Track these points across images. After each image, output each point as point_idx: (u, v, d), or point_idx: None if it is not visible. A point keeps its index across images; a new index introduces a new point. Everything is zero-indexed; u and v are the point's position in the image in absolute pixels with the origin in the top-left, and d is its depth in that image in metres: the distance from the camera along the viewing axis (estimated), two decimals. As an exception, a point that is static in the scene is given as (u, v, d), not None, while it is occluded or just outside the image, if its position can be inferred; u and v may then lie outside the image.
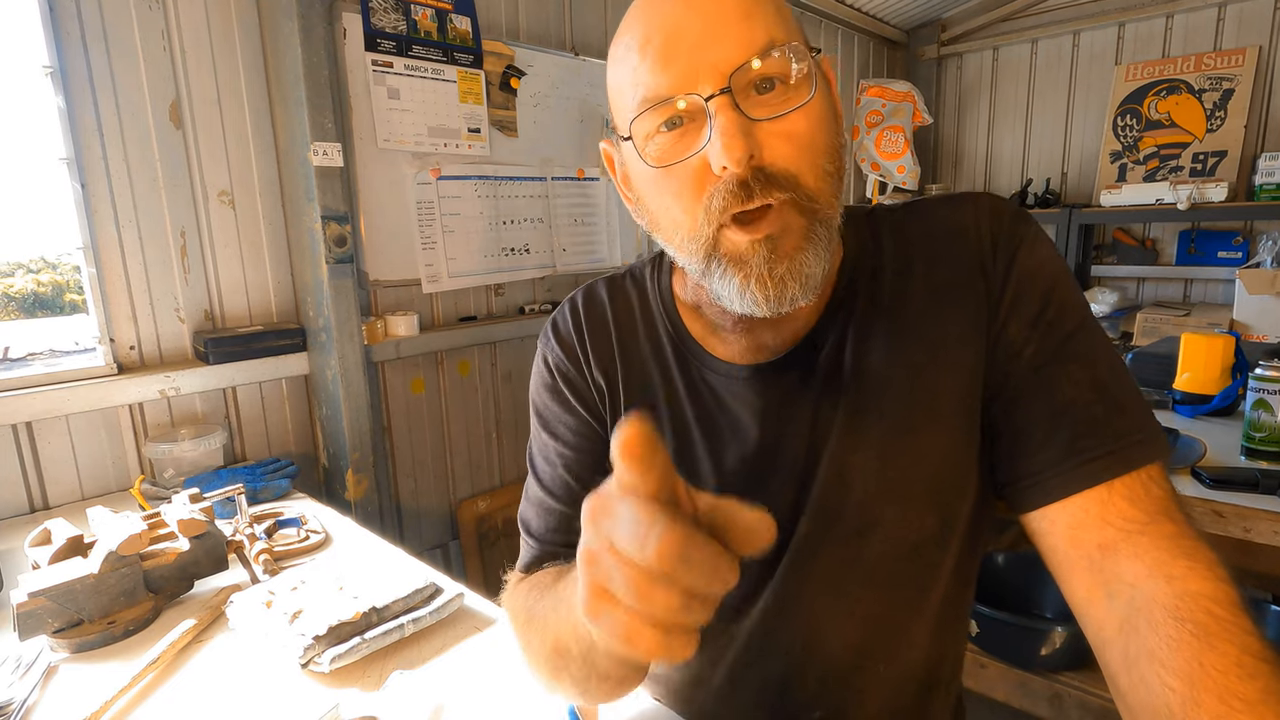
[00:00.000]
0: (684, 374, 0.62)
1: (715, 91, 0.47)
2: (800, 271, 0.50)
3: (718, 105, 0.47)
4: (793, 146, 0.49)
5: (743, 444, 0.59)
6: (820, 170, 0.50)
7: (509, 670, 0.75)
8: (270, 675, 0.76)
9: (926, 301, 0.56)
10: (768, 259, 0.50)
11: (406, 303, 1.78)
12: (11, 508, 1.24)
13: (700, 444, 0.61)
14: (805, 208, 0.50)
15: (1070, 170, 3.31)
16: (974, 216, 0.57)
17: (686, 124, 0.50)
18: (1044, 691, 1.34)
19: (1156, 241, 3.14)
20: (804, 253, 0.50)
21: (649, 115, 0.50)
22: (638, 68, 0.50)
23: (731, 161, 0.47)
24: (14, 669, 0.77)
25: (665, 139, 0.50)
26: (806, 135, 0.49)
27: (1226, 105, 2.80)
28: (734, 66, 0.47)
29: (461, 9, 1.75)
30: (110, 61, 1.30)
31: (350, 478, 1.56)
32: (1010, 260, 0.55)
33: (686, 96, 0.48)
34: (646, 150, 0.51)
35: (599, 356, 0.65)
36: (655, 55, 0.49)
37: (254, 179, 1.51)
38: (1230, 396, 1.56)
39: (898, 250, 0.59)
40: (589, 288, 0.69)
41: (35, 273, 1.53)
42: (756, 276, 0.50)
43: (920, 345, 0.56)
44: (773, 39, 0.48)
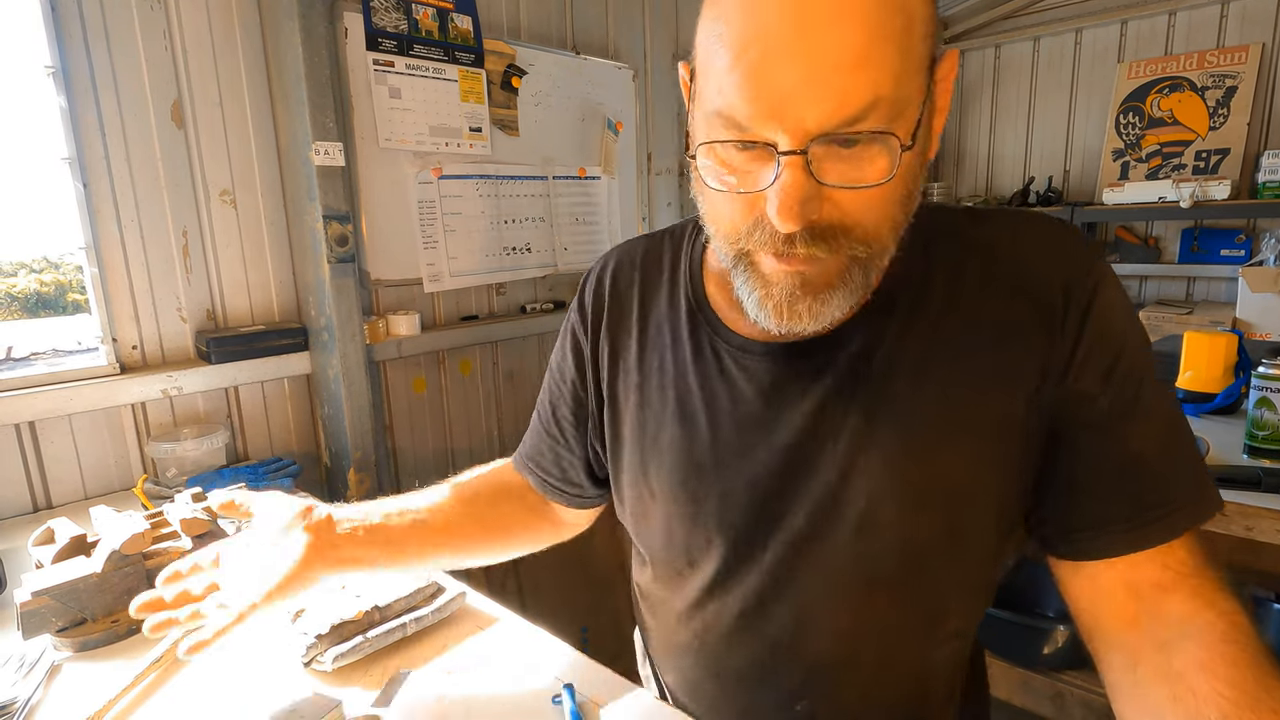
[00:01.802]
0: (694, 340, 0.62)
1: (791, 150, 0.43)
2: (819, 311, 0.50)
3: (788, 164, 0.43)
4: (858, 207, 0.46)
5: (741, 417, 0.59)
6: (886, 225, 0.48)
7: (511, 669, 0.75)
8: (273, 674, 0.76)
9: (975, 323, 0.54)
10: (791, 292, 0.49)
11: (408, 302, 1.78)
12: (14, 507, 1.25)
13: (701, 411, 0.61)
14: (853, 255, 0.48)
15: (1072, 168, 3.30)
16: (1048, 251, 0.54)
17: (759, 150, 0.46)
18: (1046, 690, 1.34)
19: (1159, 239, 3.13)
20: (832, 292, 0.49)
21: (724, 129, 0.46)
22: (725, 73, 0.44)
23: (783, 226, 0.45)
24: (17, 668, 0.77)
25: (732, 154, 0.47)
26: (877, 200, 0.46)
27: (1229, 103, 2.79)
28: (819, 131, 0.42)
29: (463, 8, 1.74)
30: (112, 61, 1.30)
31: (352, 477, 1.56)
32: (1085, 311, 0.52)
33: (760, 141, 0.44)
34: (710, 155, 0.48)
35: (611, 324, 0.68)
36: (745, 75, 0.43)
37: (255, 178, 1.51)
38: (1233, 395, 1.55)
39: (954, 260, 0.56)
40: (627, 248, 0.71)
41: (38, 272, 1.53)
42: (775, 302, 0.50)
43: (959, 365, 0.54)
44: (877, 98, 0.42)
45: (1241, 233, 2.89)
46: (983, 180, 3.62)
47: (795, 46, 0.41)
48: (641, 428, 0.65)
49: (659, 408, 0.63)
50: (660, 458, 0.63)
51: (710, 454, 0.60)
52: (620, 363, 0.67)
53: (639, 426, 0.65)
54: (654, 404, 0.64)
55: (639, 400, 0.65)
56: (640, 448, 0.65)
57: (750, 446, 0.59)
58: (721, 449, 0.60)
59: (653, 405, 0.64)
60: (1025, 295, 0.53)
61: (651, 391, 0.64)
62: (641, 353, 0.66)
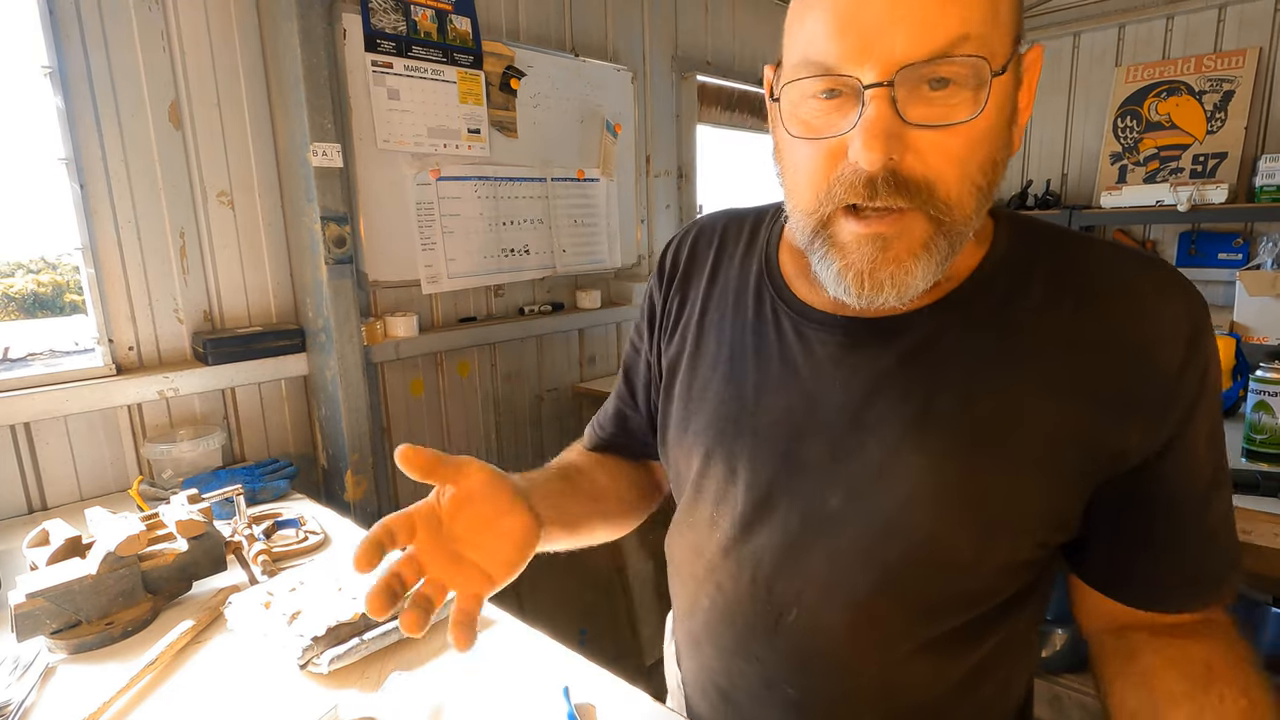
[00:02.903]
0: (758, 303, 0.63)
1: (876, 82, 0.44)
2: (903, 280, 0.49)
3: (873, 96, 0.44)
4: (940, 158, 0.46)
5: (789, 383, 0.59)
6: (967, 184, 0.47)
7: (508, 671, 0.75)
8: (269, 676, 0.75)
9: (1066, 352, 0.52)
10: (873, 258, 0.48)
11: (406, 303, 1.78)
12: (10, 508, 1.24)
13: (751, 369, 0.61)
14: (933, 217, 0.47)
15: (1070, 171, 3.31)
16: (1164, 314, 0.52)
17: (843, 96, 0.46)
18: (1044, 693, 1.34)
19: (1157, 243, 3.14)
20: (914, 261, 0.48)
21: (807, 81, 0.47)
22: (811, 24, 0.46)
23: (865, 162, 0.45)
24: (12, 670, 0.77)
25: (816, 106, 0.48)
26: (960, 150, 0.46)
27: (1227, 107, 2.80)
28: (907, 60, 0.43)
29: (461, 10, 1.75)
30: (110, 62, 1.30)
31: (349, 479, 1.55)
32: (1201, 380, 0.52)
33: (846, 79, 0.45)
34: (795, 111, 0.49)
35: (682, 283, 0.70)
36: (831, 20, 0.45)
37: (253, 180, 1.51)
38: (1231, 398, 1.56)
39: (1055, 281, 0.54)
40: (712, 217, 0.73)
41: (35, 273, 1.53)
42: (855, 271, 0.49)
43: (1029, 385, 0.52)
44: (966, 34, 0.43)
45: (1239, 236, 2.90)
46: (981, 183, 3.62)
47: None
48: (691, 380, 0.66)
49: (711, 362, 0.64)
50: (704, 409, 0.64)
51: (751, 411, 0.60)
52: (683, 319, 0.69)
53: (689, 378, 0.66)
54: (707, 359, 0.65)
55: (693, 354, 0.66)
56: (687, 399, 0.66)
57: (792, 413, 0.58)
58: (763, 410, 0.59)
59: (705, 360, 0.65)
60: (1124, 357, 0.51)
61: (707, 347, 0.65)
62: (704, 311, 0.67)
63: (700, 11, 2.51)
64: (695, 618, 0.66)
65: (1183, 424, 0.51)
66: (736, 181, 2.88)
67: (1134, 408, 0.51)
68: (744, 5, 2.69)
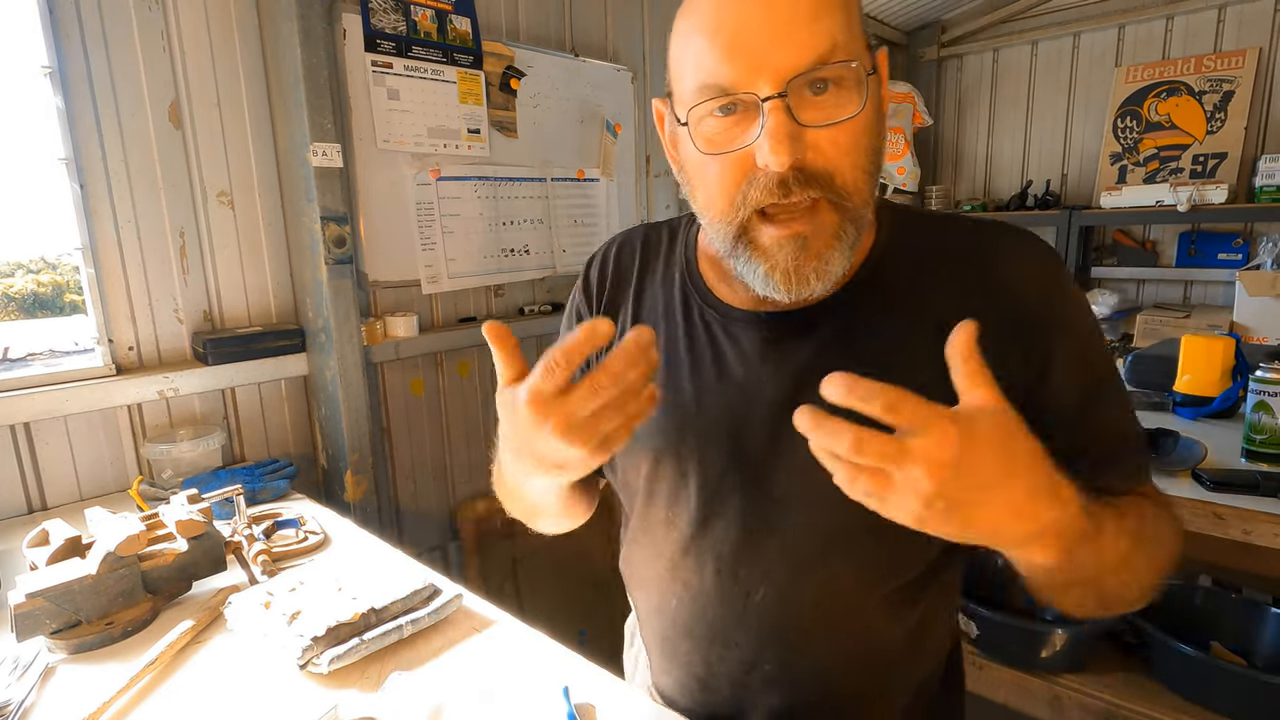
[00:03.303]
0: (685, 311, 0.67)
1: (772, 94, 0.50)
2: (825, 269, 0.54)
3: (771, 107, 0.50)
4: (836, 150, 0.52)
5: (725, 380, 0.63)
6: (860, 170, 0.53)
7: (508, 671, 0.75)
8: (269, 676, 0.75)
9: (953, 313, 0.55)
10: (795, 256, 0.54)
11: (406, 304, 1.78)
12: (9, 508, 1.24)
13: (688, 375, 0.65)
14: (838, 205, 0.53)
15: (1070, 172, 3.31)
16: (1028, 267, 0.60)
17: (740, 112, 0.52)
18: (1044, 694, 1.34)
19: (1157, 243, 3.14)
20: (832, 250, 0.54)
21: (708, 102, 0.52)
22: (703, 52, 0.52)
23: (775, 164, 0.50)
24: (12, 670, 0.77)
25: (718, 124, 0.53)
26: (851, 140, 0.52)
27: (1226, 107, 2.80)
28: (794, 72, 0.49)
29: (461, 10, 1.75)
30: (110, 62, 1.30)
31: (349, 479, 1.55)
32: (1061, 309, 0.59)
33: (744, 94, 0.51)
34: (699, 130, 0.54)
35: (611, 299, 0.74)
36: (722, 46, 0.51)
37: (253, 180, 1.51)
38: (1231, 399, 1.56)
39: (938, 257, 0.61)
40: (630, 233, 0.78)
41: (35, 273, 1.53)
42: (782, 270, 0.54)
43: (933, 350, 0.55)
44: (835, 45, 0.50)
45: (1239, 236, 2.90)
46: (981, 184, 3.63)
47: (759, 13, 0.50)
48: None
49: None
50: (643, 433, 0.66)
51: (694, 411, 0.64)
52: (616, 334, 0.69)
53: None
54: None
55: None
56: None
57: (732, 406, 0.63)
58: (705, 410, 0.64)
59: None
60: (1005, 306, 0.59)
61: None
62: (635, 323, 0.69)
63: (700, 12, 2.51)
64: (664, 616, 0.70)
65: (1054, 350, 0.59)
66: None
67: (1010, 345, 0.58)
68: (744, 5, 2.69)
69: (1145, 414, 1.60)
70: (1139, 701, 1.25)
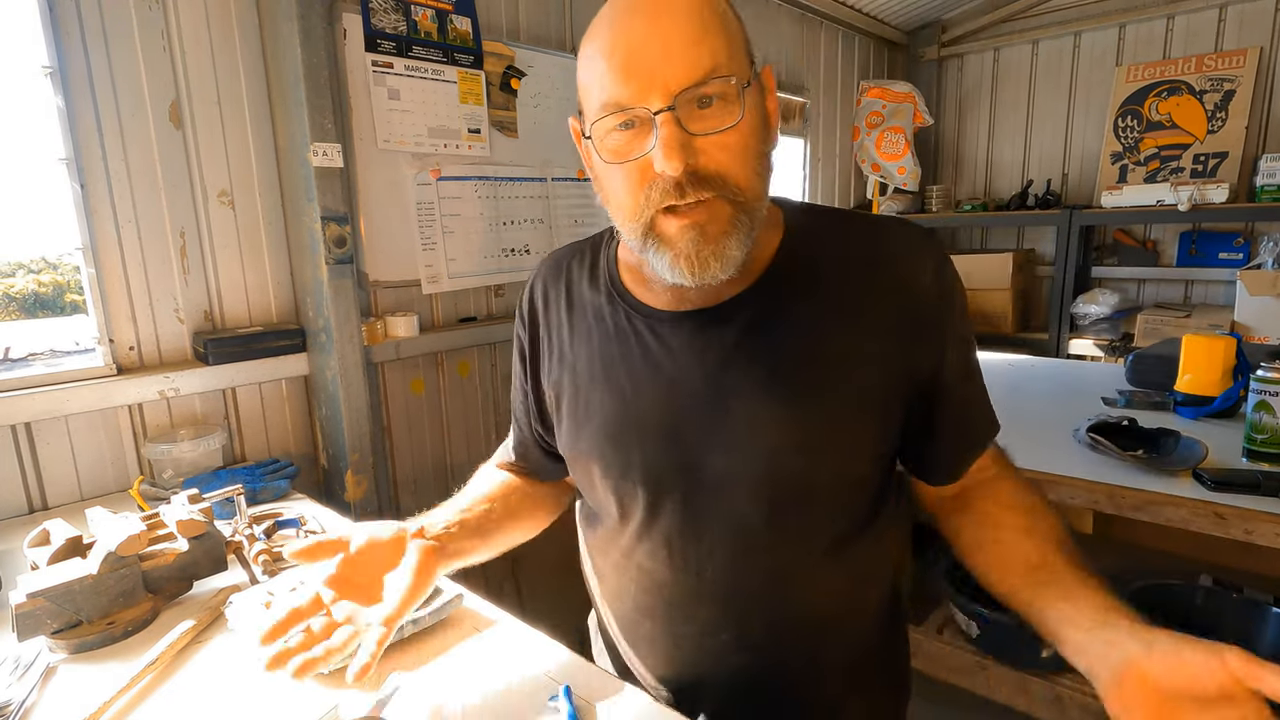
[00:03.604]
0: (614, 317, 0.73)
1: (662, 108, 0.57)
2: (722, 254, 0.61)
3: (662, 120, 0.57)
4: (725, 154, 0.59)
5: (656, 377, 0.69)
6: (748, 171, 0.60)
7: (508, 671, 0.75)
8: (269, 676, 0.75)
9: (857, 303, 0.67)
10: (695, 242, 0.60)
11: (406, 303, 1.78)
12: (10, 508, 1.24)
13: (623, 374, 0.71)
14: (732, 200, 0.60)
15: (1071, 171, 3.31)
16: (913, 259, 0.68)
17: (639, 126, 0.59)
18: (1045, 694, 1.33)
19: (1157, 243, 3.14)
20: (728, 238, 0.61)
21: (609, 118, 0.60)
22: (603, 75, 0.59)
23: (669, 169, 0.57)
24: (13, 670, 0.77)
25: (620, 137, 0.60)
26: (737, 146, 0.59)
27: (1227, 106, 2.80)
28: (680, 88, 0.57)
29: (462, 10, 1.75)
30: (110, 62, 1.30)
31: (350, 479, 1.56)
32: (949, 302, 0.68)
33: (639, 109, 0.58)
34: (604, 144, 0.62)
35: (546, 321, 0.80)
36: (618, 68, 0.58)
37: (254, 179, 1.51)
38: (1231, 398, 1.55)
39: (839, 251, 0.69)
40: (554, 255, 0.83)
41: (36, 273, 1.53)
42: (685, 256, 0.61)
43: (841, 334, 0.66)
44: (716, 65, 0.57)
45: (1240, 236, 2.90)
46: (981, 183, 3.63)
47: (649, 39, 0.57)
48: (575, 400, 0.75)
49: (588, 380, 0.74)
50: (591, 421, 0.73)
51: (633, 411, 0.70)
52: (554, 350, 0.78)
53: (573, 399, 0.75)
54: (584, 377, 0.74)
55: (573, 378, 0.75)
56: (574, 416, 0.75)
57: (665, 400, 0.69)
58: (642, 406, 0.69)
59: (583, 379, 0.74)
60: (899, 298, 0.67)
61: (582, 368, 0.75)
62: (572, 337, 0.76)
63: (700, 11, 2.51)
64: (625, 601, 0.77)
65: (945, 338, 0.68)
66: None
67: (915, 335, 0.66)
68: (744, 4, 2.69)
69: (1146, 414, 1.60)
70: (1140, 701, 1.25)
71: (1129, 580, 1.41)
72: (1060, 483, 1.23)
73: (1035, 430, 1.57)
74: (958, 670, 1.44)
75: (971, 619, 1.41)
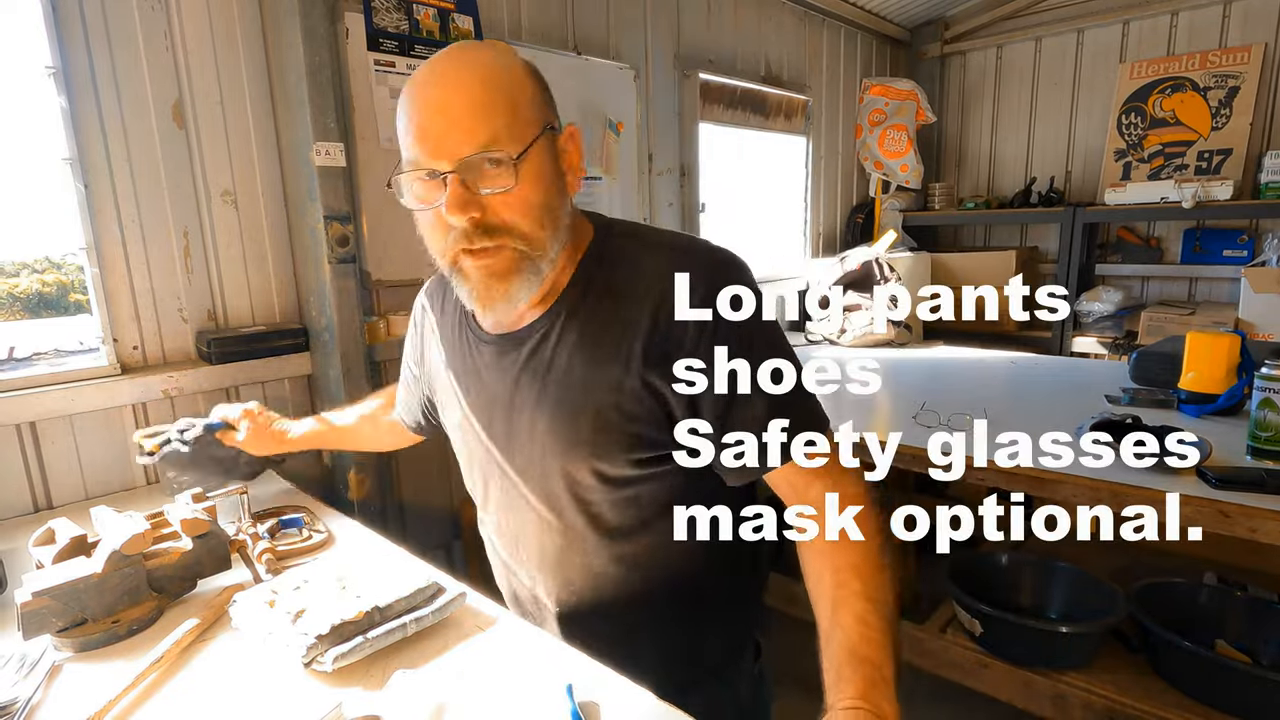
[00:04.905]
0: (462, 337, 0.88)
1: (449, 170, 0.68)
2: (506, 292, 0.72)
3: (451, 179, 0.68)
4: (508, 210, 0.70)
5: (479, 389, 0.85)
6: (531, 223, 0.71)
7: (511, 669, 0.75)
8: (273, 674, 0.76)
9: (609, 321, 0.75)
10: (484, 280, 0.72)
11: (409, 302, 1.77)
12: (15, 507, 1.25)
13: (462, 390, 0.87)
14: (518, 249, 0.71)
15: (1074, 168, 3.30)
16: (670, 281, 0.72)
17: (437, 180, 0.70)
18: (1048, 692, 1.33)
19: (1161, 240, 3.13)
20: (511, 278, 0.72)
21: (413, 171, 0.71)
22: (406, 134, 0.71)
23: (455, 221, 0.69)
24: (18, 668, 0.77)
25: (423, 186, 0.71)
26: (518, 204, 0.70)
27: (1232, 103, 2.78)
28: (461, 156, 0.68)
29: (464, 8, 1.74)
30: (113, 62, 1.30)
31: (353, 478, 1.56)
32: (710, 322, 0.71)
33: (432, 168, 0.69)
34: (412, 190, 0.73)
35: (425, 331, 0.97)
36: (416, 133, 0.69)
37: (256, 179, 1.51)
38: (1236, 396, 1.55)
39: (607, 279, 0.77)
40: (430, 283, 0.99)
41: (40, 273, 1.53)
42: (478, 291, 0.73)
43: (596, 353, 0.75)
44: (492, 139, 0.67)
45: (1244, 233, 2.89)
46: (984, 181, 3.62)
47: (441, 112, 0.68)
48: (444, 406, 0.93)
49: (448, 389, 0.90)
50: (449, 417, 0.92)
51: (470, 415, 0.86)
52: (429, 358, 0.96)
53: (443, 405, 0.94)
54: (445, 386, 0.91)
55: (443, 386, 0.92)
56: (444, 409, 0.94)
57: (484, 411, 0.84)
58: (473, 409, 0.86)
59: (445, 387, 0.91)
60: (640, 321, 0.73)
61: (444, 377, 0.91)
62: (440, 349, 0.92)
63: (703, 10, 2.51)
64: (494, 558, 0.96)
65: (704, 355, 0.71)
66: (738, 179, 2.87)
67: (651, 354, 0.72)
68: (747, 3, 2.68)
69: (1150, 411, 1.59)
70: (1143, 700, 1.25)
71: (1133, 579, 1.41)
72: (1063, 481, 1.23)
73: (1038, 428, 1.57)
74: (960, 668, 1.44)
75: (974, 617, 1.41)
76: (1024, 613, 1.45)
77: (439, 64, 0.71)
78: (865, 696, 0.60)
